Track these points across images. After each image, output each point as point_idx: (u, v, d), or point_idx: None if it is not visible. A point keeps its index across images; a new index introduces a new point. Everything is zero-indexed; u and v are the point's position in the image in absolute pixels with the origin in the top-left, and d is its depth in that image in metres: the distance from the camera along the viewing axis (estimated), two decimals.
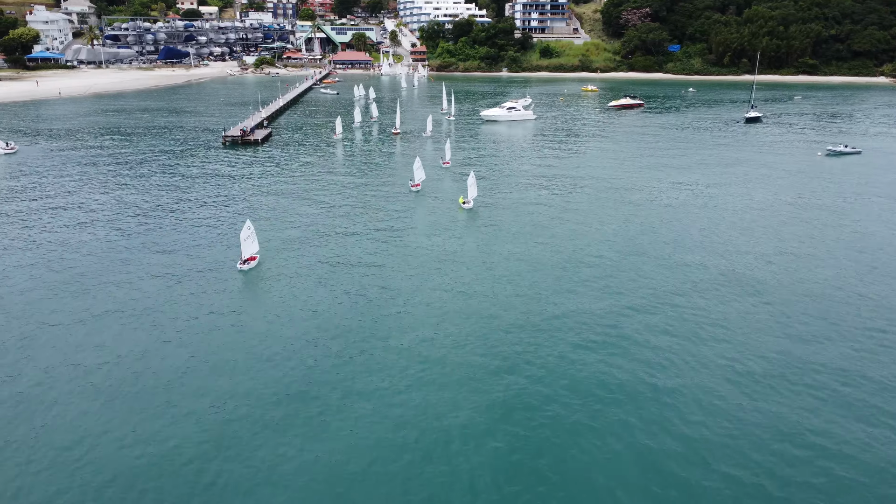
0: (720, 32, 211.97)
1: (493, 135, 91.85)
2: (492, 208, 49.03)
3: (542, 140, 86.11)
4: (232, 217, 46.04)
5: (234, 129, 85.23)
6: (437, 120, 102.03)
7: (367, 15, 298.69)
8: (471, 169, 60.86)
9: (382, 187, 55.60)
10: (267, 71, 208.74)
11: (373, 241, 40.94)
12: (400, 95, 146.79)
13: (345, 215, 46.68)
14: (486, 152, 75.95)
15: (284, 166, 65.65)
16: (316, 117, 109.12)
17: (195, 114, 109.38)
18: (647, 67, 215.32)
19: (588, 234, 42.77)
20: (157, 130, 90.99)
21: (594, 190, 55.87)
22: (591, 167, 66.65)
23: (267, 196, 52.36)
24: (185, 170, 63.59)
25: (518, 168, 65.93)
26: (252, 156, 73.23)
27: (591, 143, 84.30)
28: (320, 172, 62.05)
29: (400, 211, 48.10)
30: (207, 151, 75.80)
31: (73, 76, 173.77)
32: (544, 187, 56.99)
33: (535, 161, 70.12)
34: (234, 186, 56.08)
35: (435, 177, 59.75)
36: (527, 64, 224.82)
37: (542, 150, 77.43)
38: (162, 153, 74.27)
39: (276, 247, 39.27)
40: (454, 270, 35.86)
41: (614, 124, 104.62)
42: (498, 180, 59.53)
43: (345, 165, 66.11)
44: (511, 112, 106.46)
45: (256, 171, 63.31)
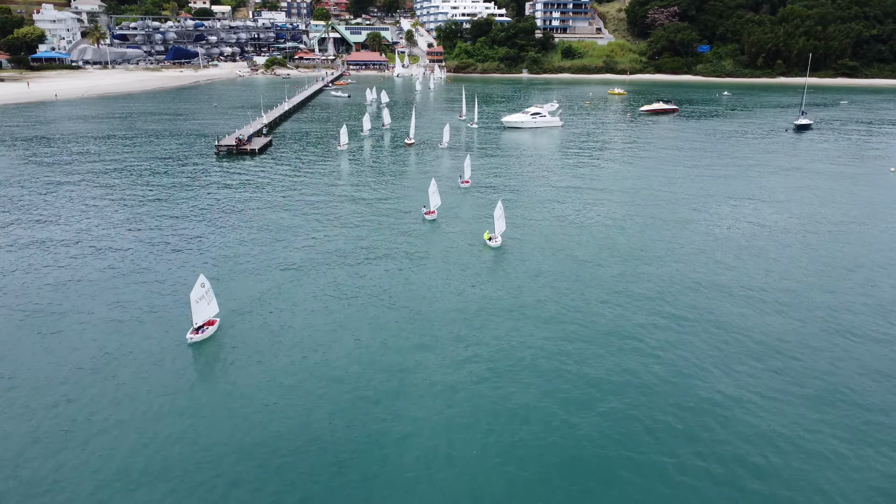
0: (753, 32, 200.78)
1: (516, 144, 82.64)
2: (522, 244, 39.85)
3: (572, 150, 76.71)
4: (199, 259, 37.33)
5: (230, 137, 76.79)
6: (456, 127, 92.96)
7: (382, 14, 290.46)
8: (495, 194, 51.97)
9: (390, 215, 46.58)
10: (277, 72, 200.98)
11: (375, 293, 32.00)
12: (414, 99, 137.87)
13: (342, 255, 37.77)
14: (509, 166, 66.75)
15: (278, 184, 56.93)
16: (324, 123, 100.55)
17: (194, 118, 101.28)
18: (676, 69, 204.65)
19: (642, 275, 33.51)
20: (149, 137, 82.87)
21: (639, 215, 46.47)
22: (630, 184, 57.18)
23: (249, 227, 43.58)
24: (166, 187, 55.08)
25: (548, 185, 56.65)
26: (245, 169, 64.67)
27: (625, 154, 74.76)
28: (318, 194, 53.21)
29: (410, 247, 39.10)
30: (197, 162, 67.42)
31: (76, 77, 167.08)
32: (580, 210, 47.71)
33: (567, 176, 60.79)
34: (214, 212, 47.41)
35: (453, 200, 50.69)
36: (548, 65, 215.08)
37: (573, 163, 68.07)
38: (146, 164, 65.99)
39: (247, 303, 30.43)
40: (477, 337, 26.84)
41: (649, 132, 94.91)
42: (526, 203, 50.32)
43: (348, 184, 57.23)
44: (536, 118, 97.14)
45: (244, 190, 54.61)
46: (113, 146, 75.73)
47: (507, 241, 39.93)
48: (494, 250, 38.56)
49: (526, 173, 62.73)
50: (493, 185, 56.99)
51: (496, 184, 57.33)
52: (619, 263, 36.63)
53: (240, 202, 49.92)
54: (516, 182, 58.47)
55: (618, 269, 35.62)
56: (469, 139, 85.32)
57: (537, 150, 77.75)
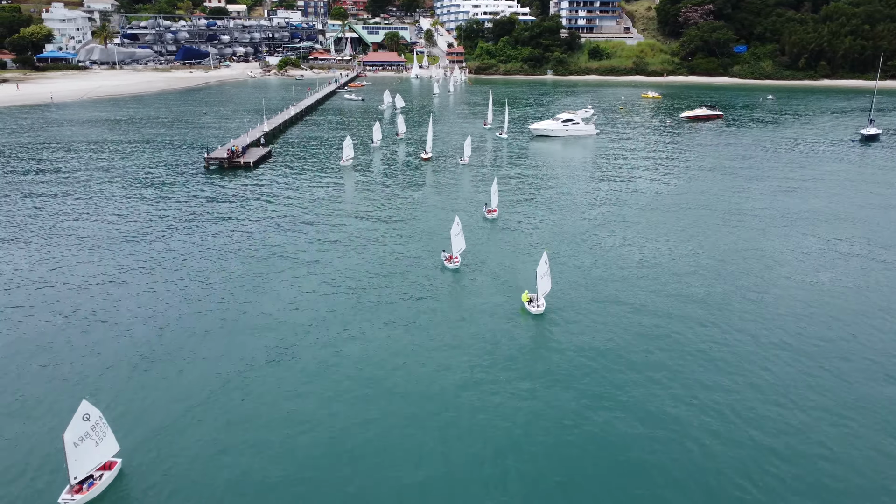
0: (795, 32, 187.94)
1: (547, 157, 72.48)
2: (573, 308, 29.88)
3: (611, 166, 66.39)
4: (120, 342, 27.94)
5: (221, 148, 67.64)
6: (479, 137, 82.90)
7: (401, 14, 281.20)
8: (530, 229, 41.94)
9: (401, 261, 36.70)
10: (291, 73, 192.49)
11: (377, 386, 22.32)
12: (432, 104, 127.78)
13: (330, 322, 28.15)
14: (542, 188, 56.65)
15: (266, 214, 47.47)
16: (333, 129, 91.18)
17: (191, 124, 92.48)
18: (711, 70, 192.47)
19: (737, 353, 23.46)
20: (135, 147, 74.09)
21: (708, 253, 36.24)
22: (689, 211, 46.83)
23: (217, 279, 34.12)
24: (137, 210, 45.89)
25: (591, 213, 46.52)
26: (234, 189, 55.38)
27: (674, 170, 64.24)
28: (310, 229, 43.62)
29: (426, 312, 29.34)
30: (182, 180, 58.37)
31: (80, 78, 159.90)
32: (635, 248, 37.60)
33: (611, 201, 50.55)
34: (182, 253, 38.05)
35: (479, 236, 40.79)
36: (574, 66, 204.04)
37: (616, 182, 57.76)
38: (125, 180, 57.16)
39: (184, 414, 20.88)
40: (516, 454, 17.07)
41: (695, 142, 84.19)
42: (569, 240, 40.26)
43: (349, 215, 47.50)
44: (568, 126, 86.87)
45: (223, 222, 45.23)
46: (90, 159, 66.94)
47: (553, 302, 29.96)
48: (536, 319, 28.64)
49: (563, 197, 52.56)
50: (526, 214, 46.98)
51: (529, 213, 47.29)
52: (690, 337, 26.49)
53: (216, 238, 40.48)
54: (553, 210, 48.34)
55: (705, 346, 25.51)
56: (496, 152, 74.97)
57: (572, 165, 67.50)
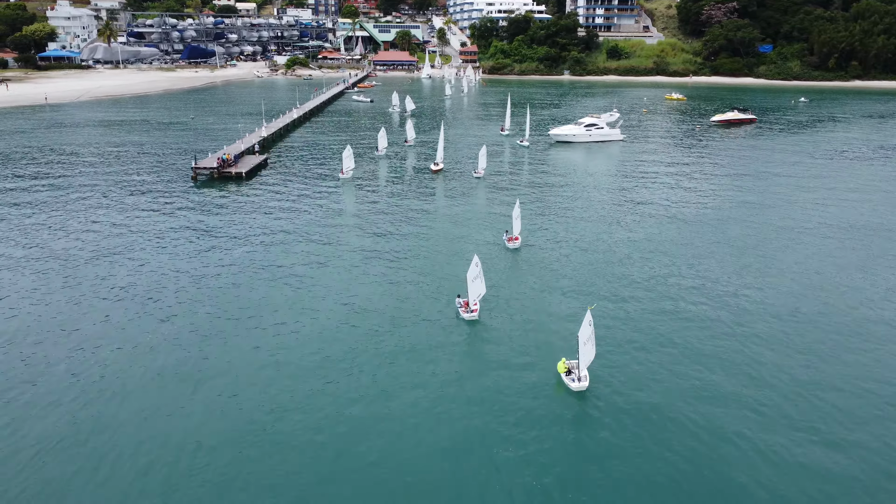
0: (824, 30, 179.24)
1: (570, 167, 65.64)
2: (625, 385, 23.19)
3: (643, 175, 59.49)
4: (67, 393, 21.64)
5: (212, 157, 61.41)
6: (496, 145, 76.18)
7: (413, 12, 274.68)
8: (559, 264, 35.12)
9: (404, 304, 30.17)
10: (299, 72, 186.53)
11: (376, 484, 15.89)
12: (444, 106, 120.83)
13: (319, 393, 21.69)
14: (568, 206, 49.87)
15: (252, 232, 41.12)
16: (337, 134, 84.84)
17: (188, 128, 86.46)
18: (735, 71, 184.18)
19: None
20: (121, 154, 68.17)
21: (783, 300, 29.50)
22: (736, 227, 39.94)
23: (177, 316, 27.83)
24: (110, 226, 39.70)
25: (630, 238, 39.77)
26: (221, 202, 49.16)
27: (714, 182, 57.23)
28: (299, 255, 37.21)
29: (435, 387, 22.77)
30: (166, 192, 52.33)
31: (81, 77, 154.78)
32: (689, 289, 30.86)
33: (648, 219, 43.76)
34: (144, 280, 31.77)
35: (500, 270, 34.15)
36: (592, 66, 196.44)
37: (651, 195, 50.88)
38: (102, 190, 51.31)
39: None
40: None
41: (730, 149, 77.01)
42: (607, 277, 33.52)
43: (345, 240, 41.03)
44: (591, 131, 79.95)
45: (205, 240, 38.91)
46: (68, 167, 60.97)
47: (599, 372, 23.28)
48: (578, 397, 21.98)
49: (594, 219, 45.76)
50: (553, 241, 40.26)
51: (556, 240, 40.56)
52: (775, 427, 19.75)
53: (193, 262, 34.14)
54: (584, 235, 41.58)
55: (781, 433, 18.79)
56: (515, 163, 67.64)
57: (600, 177, 60.58)
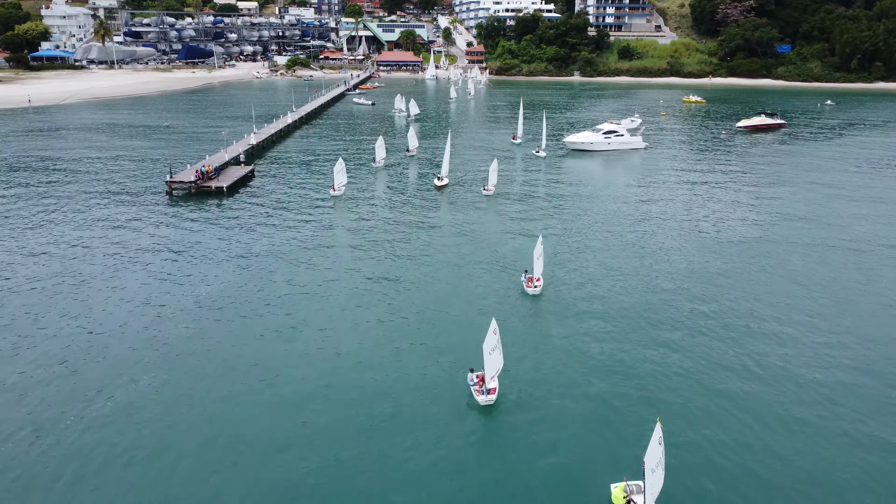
0: (846, 30, 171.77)
1: (588, 180, 58.82)
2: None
3: (669, 188, 52.72)
4: None
5: (190, 169, 54.93)
6: (507, 155, 69.53)
7: (418, 11, 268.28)
8: (612, 347, 28.38)
9: (401, 369, 23.60)
10: (299, 73, 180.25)
11: None
12: (449, 110, 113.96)
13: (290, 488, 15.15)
14: (592, 231, 43.16)
15: (227, 258, 34.63)
16: (334, 141, 78.36)
17: (174, 134, 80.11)
18: (753, 72, 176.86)
19: None
20: (99, 162, 61.95)
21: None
22: (795, 251, 33.23)
23: (144, 350, 21.34)
24: (68, 247, 33.25)
25: (673, 270, 33.12)
26: (196, 221, 42.78)
27: (753, 194, 50.41)
28: (277, 302, 30.72)
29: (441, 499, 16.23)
30: (138, 207, 46.22)
31: (73, 78, 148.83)
32: (776, 356, 24.29)
33: (692, 244, 37.08)
34: (101, 314, 25.33)
35: (518, 331, 27.49)
36: (603, 67, 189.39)
37: (689, 212, 44.16)
38: (66, 207, 44.99)
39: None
40: None
41: (764, 157, 70.15)
42: (657, 341, 26.90)
43: (332, 276, 34.52)
44: (610, 138, 73.22)
45: (173, 266, 32.41)
46: (34, 177, 54.66)
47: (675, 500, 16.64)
48: None
49: (625, 247, 39.01)
50: (580, 280, 33.57)
51: (584, 280, 33.88)
52: None
53: (160, 295, 27.65)
54: (617, 270, 34.87)
55: None
56: (530, 177, 59.95)
57: (623, 193, 53.70)
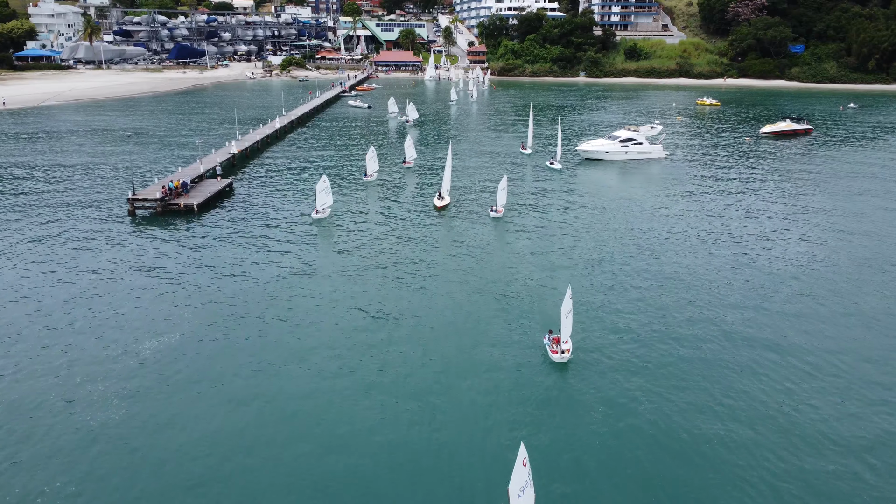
0: (863, 29, 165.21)
1: (607, 196, 52.10)
2: None
3: (698, 203, 46.11)
4: None
5: (156, 185, 48.27)
6: (516, 164, 62.88)
7: (418, 10, 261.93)
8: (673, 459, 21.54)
9: (382, 450, 16.99)
10: (294, 74, 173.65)
11: None
12: (450, 115, 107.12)
13: None
14: (623, 269, 36.54)
15: (193, 295, 28.03)
16: (327, 148, 71.78)
17: (152, 140, 73.51)
18: (765, 73, 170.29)
19: None
20: (60, 175, 55.37)
21: None
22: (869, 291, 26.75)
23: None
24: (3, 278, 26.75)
25: (742, 331, 26.63)
26: (159, 248, 36.14)
27: (795, 211, 43.80)
28: (241, 359, 24.15)
29: None
30: (94, 230, 39.71)
31: (57, 79, 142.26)
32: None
33: (742, 284, 30.54)
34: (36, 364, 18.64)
35: (545, 427, 20.86)
36: (609, 67, 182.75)
37: (724, 237, 37.56)
38: (10, 229, 38.28)
39: None
40: None
41: (797, 168, 63.55)
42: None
43: (310, 319, 27.98)
44: (628, 147, 66.64)
45: (131, 305, 25.80)
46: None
47: None
48: None
49: (661, 286, 32.39)
50: (616, 343, 26.97)
51: (620, 344, 27.27)
52: None
53: (112, 341, 21.03)
54: (657, 321, 28.30)
55: None
56: (544, 196, 52.41)
57: (649, 213, 47.06)
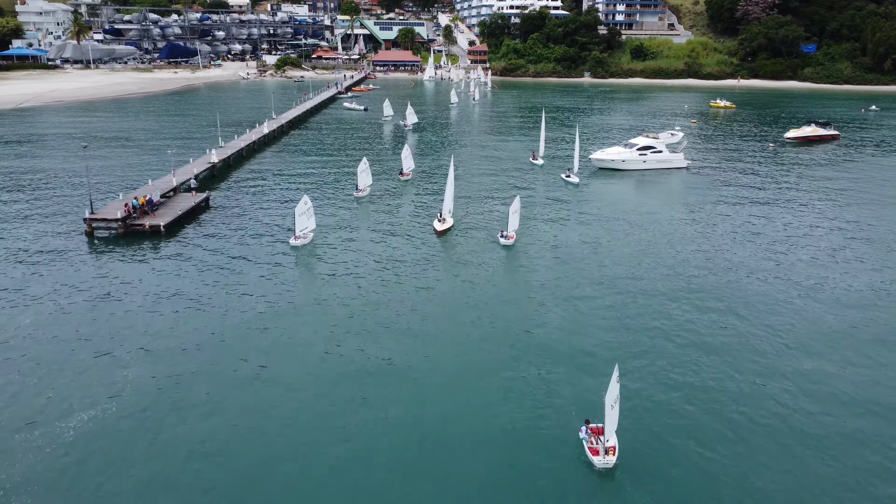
0: (879, 28, 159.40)
1: (627, 214, 46.26)
2: None
3: (729, 222, 40.36)
4: None
5: (118, 202, 42.39)
6: (526, 175, 57.12)
7: (418, 9, 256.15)
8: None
9: None
10: (289, 73, 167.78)
11: None
12: (450, 119, 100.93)
13: None
14: (666, 317, 30.83)
15: (157, 333, 22.26)
16: (319, 153, 65.98)
17: (133, 147, 67.70)
18: (777, 73, 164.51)
19: None
20: (18, 189, 49.50)
21: None
22: None
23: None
24: None
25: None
26: (114, 277, 30.26)
27: (837, 230, 38.08)
28: (207, 420, 18.33)
29: None
30: (48, 253, 33.72)
31: (40, 79, 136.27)
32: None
33: (807, 330, 24.91)
34: None
35: None
36: (615, 67, 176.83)
37: (766, 264, 31.87)
38: None
39: None
40: None
41: (831, 177, 57.81)
42: None
43: (283, 378, 22.26)
44: (647, 155, 60.86)
45: (52, 365, 20.03)
46: None
47: None
48: None
49: (708, 342, 26.73)
50: (683, 454, 21.22)
51: (684, 453, 21.51)
52: None
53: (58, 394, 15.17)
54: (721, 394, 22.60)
55: None
56: (561, 216, 46.46)
57: (679, 234, 41.33)
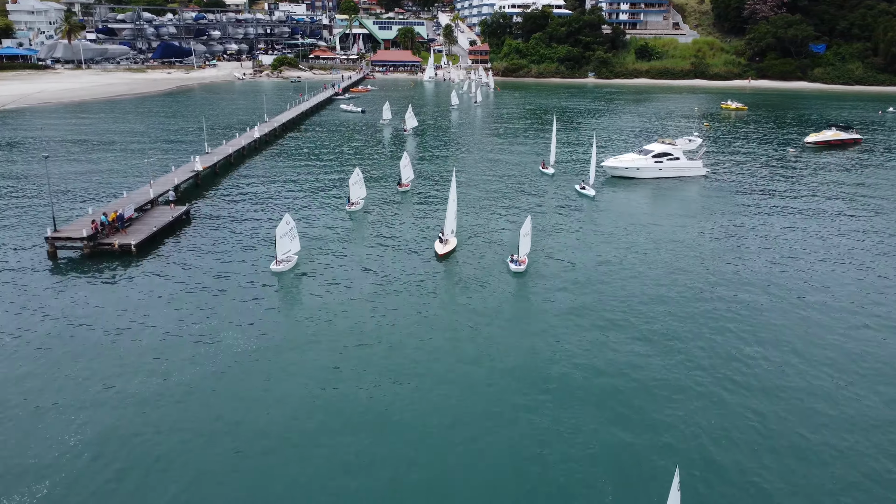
0: (891, 27, 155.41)
1: (640, 225, 42.29)
2: None
3: (759, 240, 36.38)
4: None
5: (89, 216, 38.28)
6: (536, 187, 53.04)
7: (417, 9, 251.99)
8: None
9: None
10: (286, 74, 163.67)
11: None
12: (451, 123, 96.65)
13: None
14: (700, 358, 26.81)
15: (94, 402, 18.22)
16: (313, 159, 61.91)
17: (113, 149, 63.60)
18: (786, 74, 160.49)
19: None
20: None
21: None
22: None
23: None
24: None
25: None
26: (73, 311, 26.18)
27: (875, 246, 34.17)
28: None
29: None
30: (6, 276, 29.75)
31: (29, 80, 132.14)
32: None
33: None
34: None
35: None
36: (620, 67, 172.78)
37: (811, 291, 27.91)
38: None
39: None
40: None
41: (857, 185, 53.77)
42: None
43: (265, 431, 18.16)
44: (662, 163, 56.79)
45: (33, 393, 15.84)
46: None
47: None
48: None
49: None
50: None
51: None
52: None
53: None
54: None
55: None
56: (578, 236, 42.23)
57: (707, 253, 37.31)
